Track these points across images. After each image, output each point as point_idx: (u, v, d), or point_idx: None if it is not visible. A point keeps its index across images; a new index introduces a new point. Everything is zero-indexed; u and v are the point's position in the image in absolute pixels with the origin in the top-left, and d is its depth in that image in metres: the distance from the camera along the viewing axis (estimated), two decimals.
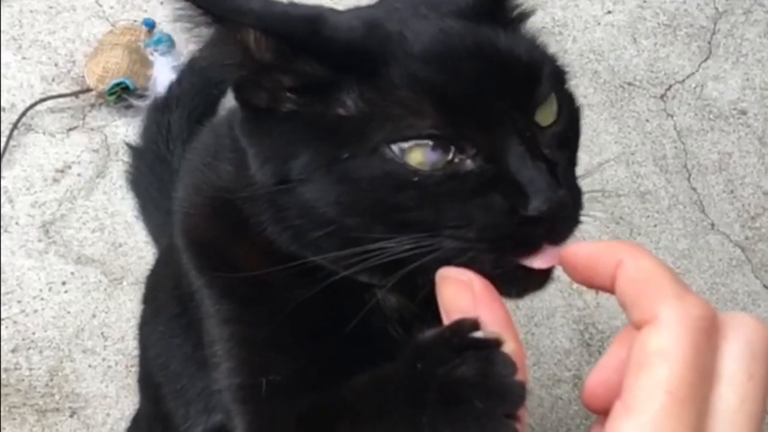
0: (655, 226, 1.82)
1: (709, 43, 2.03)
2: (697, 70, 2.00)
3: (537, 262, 0.63)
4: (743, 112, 1.95)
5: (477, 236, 0.62)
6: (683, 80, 1.98)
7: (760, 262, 1.81)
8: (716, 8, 2.07)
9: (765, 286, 1.79)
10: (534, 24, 0.78)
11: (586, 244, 0.58)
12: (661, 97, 1.96)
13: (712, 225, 1.83)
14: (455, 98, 0.64)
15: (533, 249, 0.63)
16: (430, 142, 0.63)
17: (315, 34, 0.66)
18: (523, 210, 0.62)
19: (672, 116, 1.94)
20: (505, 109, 0.64)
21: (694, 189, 1.87)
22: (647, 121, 1.93)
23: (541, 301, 1.72)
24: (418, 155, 0.63)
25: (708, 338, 0.50)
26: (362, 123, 0.65)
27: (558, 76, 0.73)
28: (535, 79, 0.68)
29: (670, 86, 1.98)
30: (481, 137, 0.64)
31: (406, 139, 0.63)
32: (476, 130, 0.64)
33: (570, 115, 0.73)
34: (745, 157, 1.91)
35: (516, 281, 0.65)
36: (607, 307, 1.72)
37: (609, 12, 2.06)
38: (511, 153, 0.63)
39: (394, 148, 0.63)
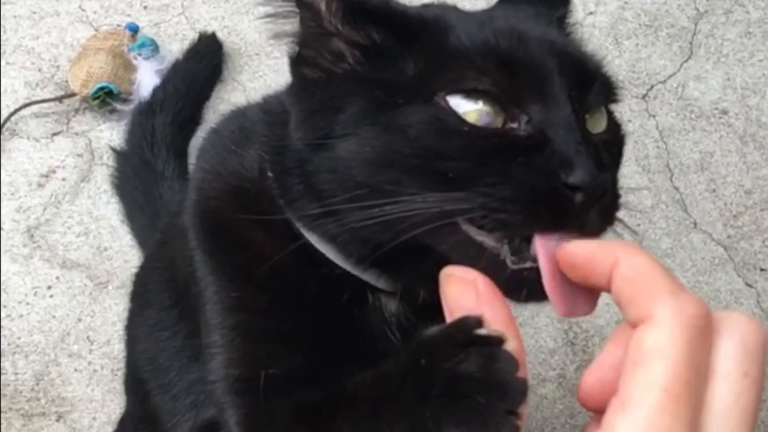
0: (638, 225, 1.82)
1: (691, 43, 2.04)
2: (678, 71, 2.01)
3: (542, 242, 0.62)
4: (724, 112, 1.96)
5: (511, 195, 0.62)
6: (665, 80, 2.00)
7: (742, 260, 1.82)
8: (697, 9, 2.08)
9: (747, 284, 1.79)
10: None
11: (583, 243, 0.58)
12: (643, 97, 1.97)
13: (695, 224, 1.84)
14: (519, 66, 0.66)
15: (560, 224, 0.62)
16: (485, 108, 0.64)
17: (387, 4, 0.71)
18: (564, 176, 0.62)
19: (654, 116, 1.95)
20: (563, 88, 0.66)
21: (676, 188, 1.87)
22: (629, 121, 1.94)
23: None
24: (473, 116, 0.64)
25: (703, 336, 0.50)
26: (422, 76, 0.67)
27: (610, 91, 0.76)
28: (591, 78, 0.71)
29: (652, 86, 1.99)
30: (536, 108, 0.65)
31: (464, 92, 0.65)
32: (532, 100, 0.65)
33: (617, 136, 0.76)
34: (727, 156, 1.92)
35: (525, 283, 0.64)
36: None
37: (591, 13, 2.07)
38: (563, 128, 0.64)
39: (451, 101, 0.65)
